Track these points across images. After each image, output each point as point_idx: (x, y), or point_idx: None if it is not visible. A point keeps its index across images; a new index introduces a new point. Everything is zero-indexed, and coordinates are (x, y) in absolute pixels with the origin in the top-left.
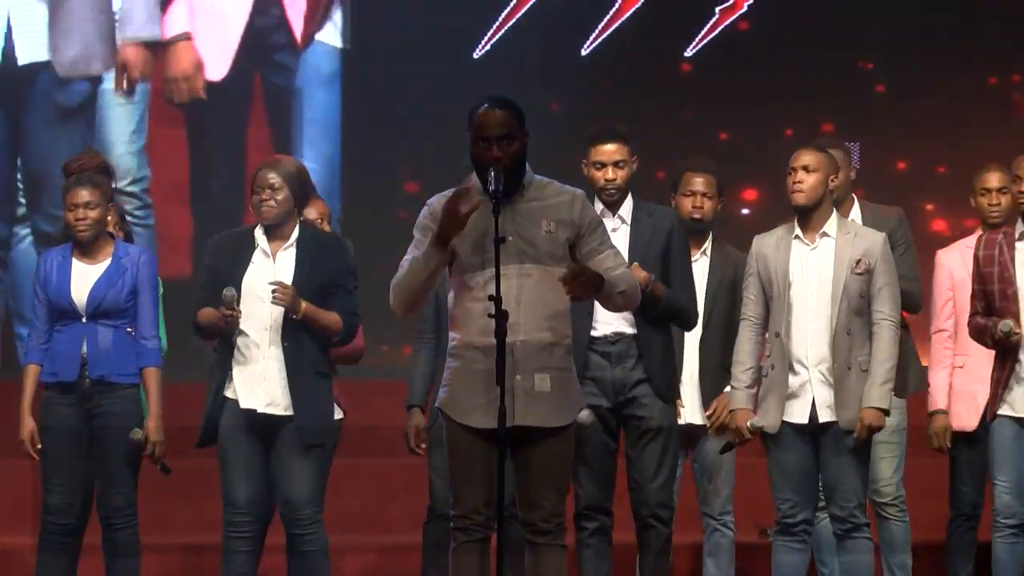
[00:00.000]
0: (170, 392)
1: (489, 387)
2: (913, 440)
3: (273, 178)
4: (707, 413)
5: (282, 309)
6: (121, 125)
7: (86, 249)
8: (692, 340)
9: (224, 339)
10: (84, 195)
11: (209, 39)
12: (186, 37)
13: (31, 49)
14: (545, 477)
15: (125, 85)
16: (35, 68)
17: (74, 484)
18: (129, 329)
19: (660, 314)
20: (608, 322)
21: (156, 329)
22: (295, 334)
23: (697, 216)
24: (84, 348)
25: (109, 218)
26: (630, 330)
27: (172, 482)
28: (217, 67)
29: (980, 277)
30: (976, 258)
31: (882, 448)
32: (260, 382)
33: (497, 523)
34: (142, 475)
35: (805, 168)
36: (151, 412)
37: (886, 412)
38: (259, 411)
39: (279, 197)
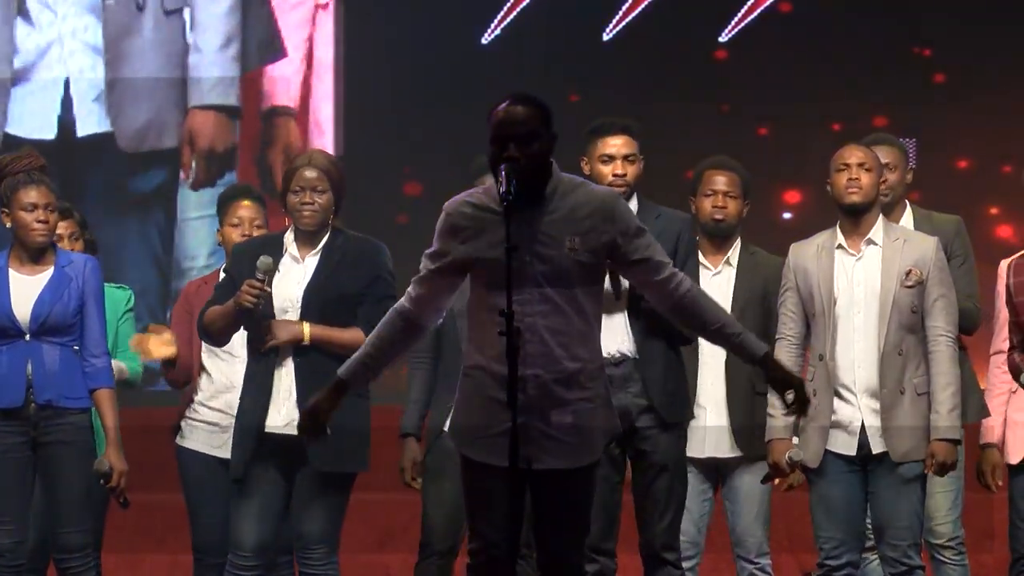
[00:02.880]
0: (149, 416)
1: (501, 420)
2: (971, 474)
3: (317, 178)
4: None
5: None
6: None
7: (26, 258)
8: (716, 362)
9: (253, 356)
10: (42, 196)
11: None
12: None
13: (93, 118)
14: (564, 519)
15: (192, 162)
16: (98, 141)
17: (24, 521)
18: (76, 347)
19: (665, 327)
20: (610, 341)
21: (105, 345)
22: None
23: (719, 217)
24: (29, 369)
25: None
26: (633, 352)
27: (145, 521)
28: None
29: (1013, 308)
30: (1007, 287)
31: (936, 482)
32: (286, 400)
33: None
34: (110, 511)
35: (861, 165)
36: (109, 439)
37: (957, 442)
38: (278, 433)
39: (322, 200)
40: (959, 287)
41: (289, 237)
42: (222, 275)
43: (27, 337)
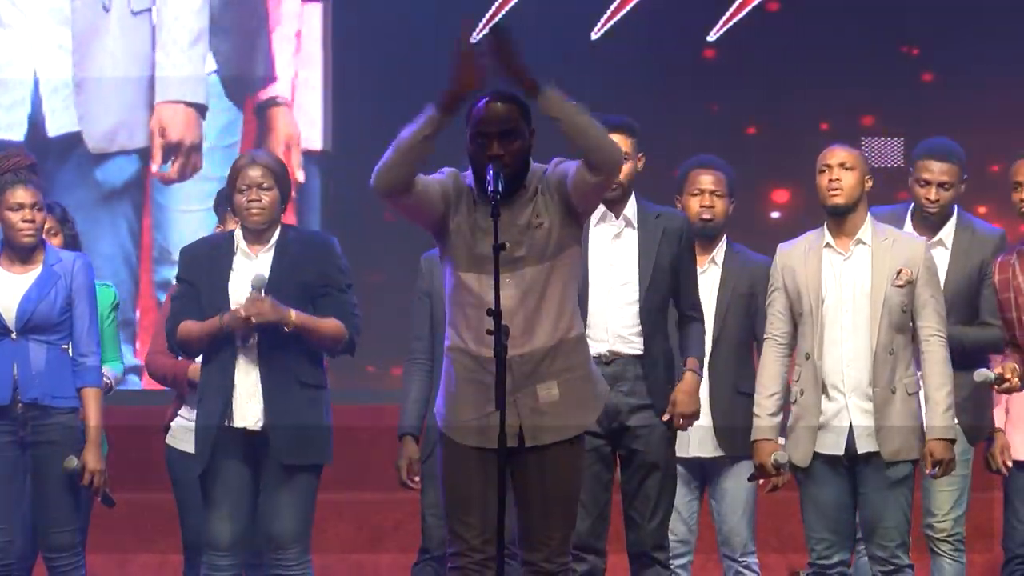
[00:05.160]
0: (140, 416)
1: (484, 402)
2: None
3: (262, 177)
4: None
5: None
6: (192, 229)
7: (16, 256)
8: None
9: (210, 355)
10: (29, 195)
11: None
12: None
13: (64, 118)
14: (550, 506)
15: (160, 158)
16: (69, 141)
17: (12, 521)
18: (65, 346)
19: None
20: (603, 340)
21: (95, 344)
22: (276, 341)
23: (707, 217)
24: (15, 368)
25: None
26: (628, 350)
27: (133, 520)
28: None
29: (999, 305)
30: (992, 284)
31: (941, 480)
32: (248, 399)
33: (497, 565)
34: (97, 511)
35: (842, 165)
36: (90, 438)
37: (952, 442)
38: (248, 430)
39: (267, 199)
40: (992, 304)
41: (239, 235)
42: (175, 282)
43: (14, 335)
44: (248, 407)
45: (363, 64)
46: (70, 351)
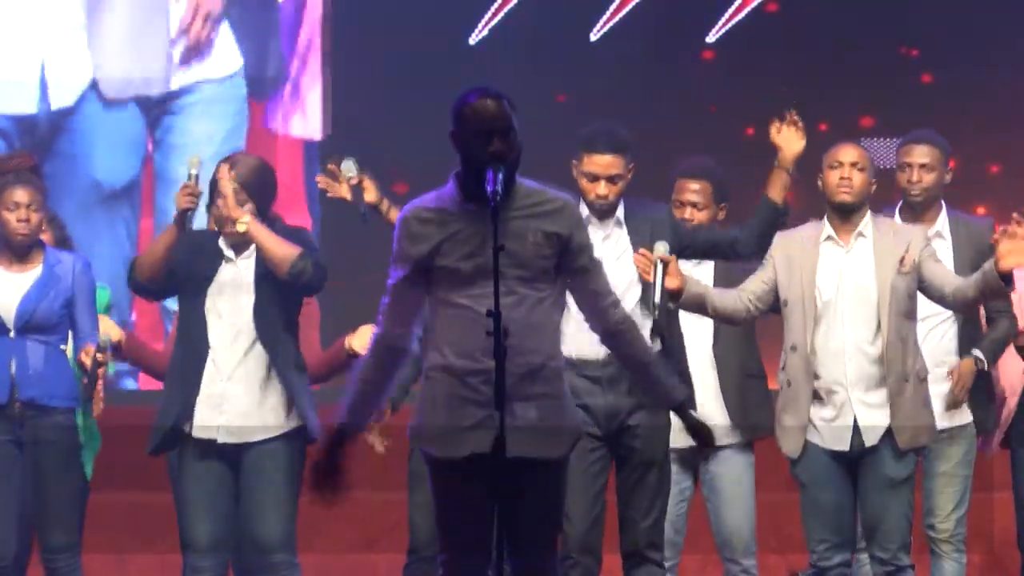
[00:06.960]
0: (137, 416)
1: (467, 415)
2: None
3: (238, 189)
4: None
5: (248, 313)
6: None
7: (15, 256)
8: (703, 351)
9: (184, 350)
10: (27, 195)
11: None
12: None
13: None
14: (533, 519)
15: None
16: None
17: (7, 520)
18: (63, 347)
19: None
20: (598, 343)
21: (96, 338)
22: (272, 335)
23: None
24: (13, 367)
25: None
26: None
27: (132, 520)
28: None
29: None
30: None
31: (943, 480)
32: (225, 401)
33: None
34: (93, 511)
35: (854, 165)
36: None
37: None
38: (222, 436)
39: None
40: None
41: (222, 239)
42: None
43: (11, 334)
44: (233, 409)
45: (363, 57)
46: (68, 352)
